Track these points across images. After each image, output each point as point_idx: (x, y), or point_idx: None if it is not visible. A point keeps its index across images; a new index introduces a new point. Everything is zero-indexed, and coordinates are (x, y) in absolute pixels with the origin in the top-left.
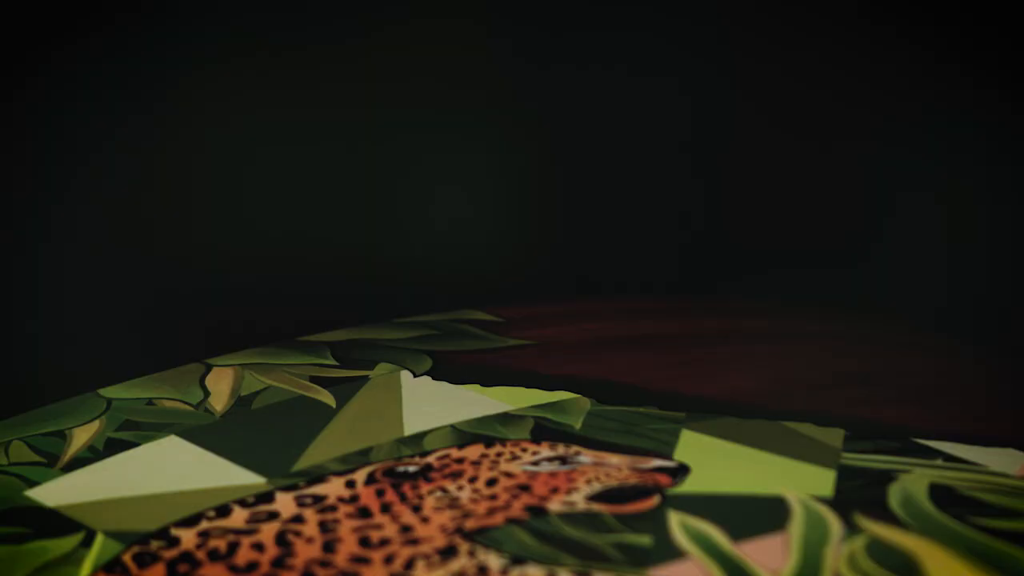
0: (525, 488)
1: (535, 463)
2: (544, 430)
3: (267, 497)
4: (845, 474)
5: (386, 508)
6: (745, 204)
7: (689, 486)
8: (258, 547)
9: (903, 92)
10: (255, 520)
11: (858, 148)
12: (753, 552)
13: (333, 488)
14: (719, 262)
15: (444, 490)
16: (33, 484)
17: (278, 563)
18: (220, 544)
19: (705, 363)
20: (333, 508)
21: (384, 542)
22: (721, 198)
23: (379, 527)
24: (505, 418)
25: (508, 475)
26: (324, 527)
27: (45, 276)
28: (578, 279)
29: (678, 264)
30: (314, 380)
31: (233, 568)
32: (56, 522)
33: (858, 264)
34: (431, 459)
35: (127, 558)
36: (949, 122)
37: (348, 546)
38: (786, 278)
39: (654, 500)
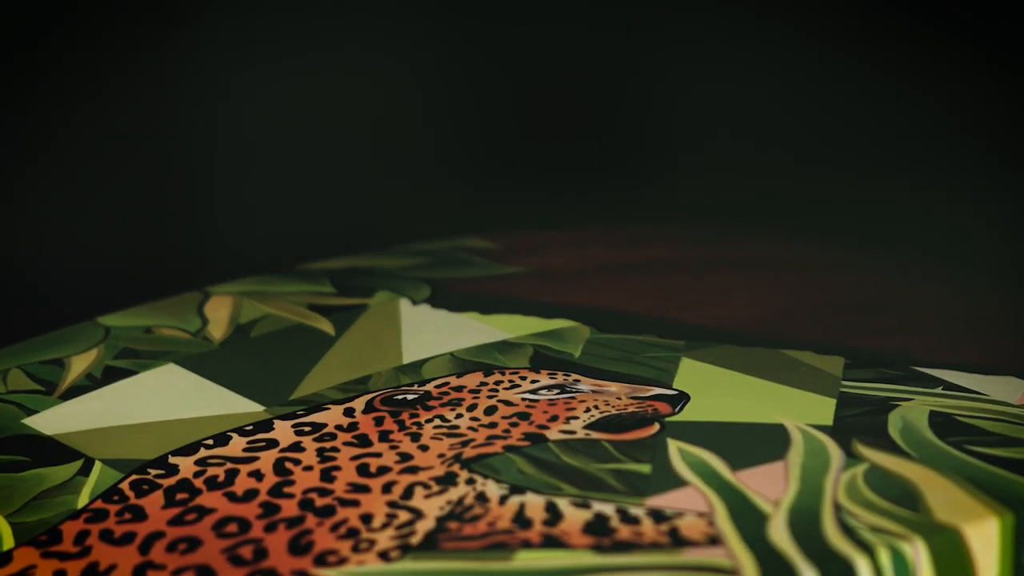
0: (524, 416)
1: (534, 391)
2: (543, 358)
3: (265, 425)
4: (845, 402)
5: (385, 436)
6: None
7: (688, 414)
8: (256, 475)
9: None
10: (253, 448)
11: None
12: (752, 480)
13: (331, 416)
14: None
15: (443, 418)
16: (31, 412)
17: (276, 491)
18: (218, 472)
19: (703, 291)
20: (332, 436)
21: (383, 470)
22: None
23: (378, 455)
24: (504, 346)
25: (507, 403)
26: (322, 455)
27: (43, 203)
28: (569, 208)
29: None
30: (313, 308)
31: (231, 496)
32: (54, 450)
33: (852, 196)
34: (430, 387)
35: (125, 486)
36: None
37: (347, 474)
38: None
39: (653, 428)
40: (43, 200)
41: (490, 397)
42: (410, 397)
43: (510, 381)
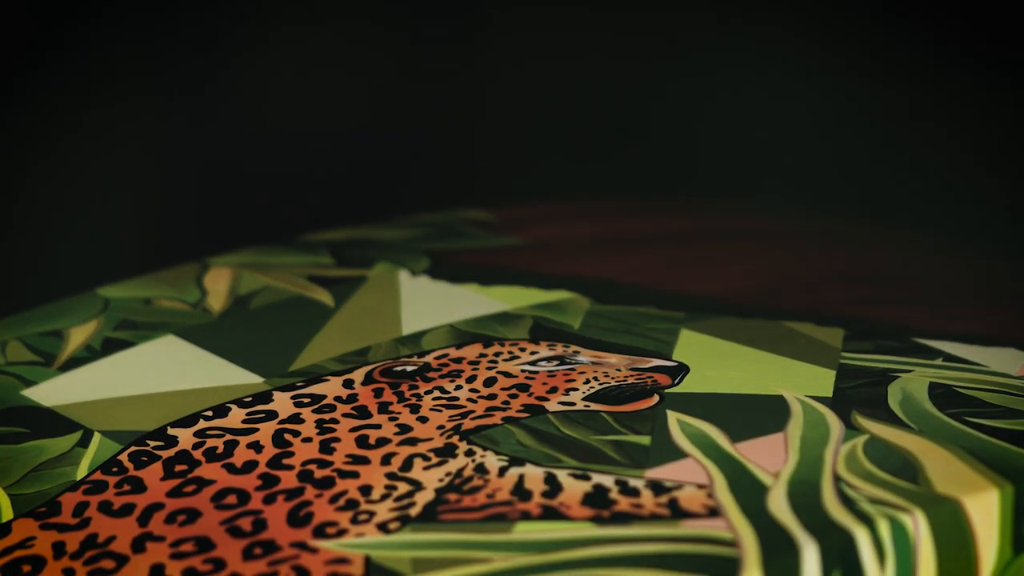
0: (523, 388)
1: (533, 363)
2: (542, 330)
3: (264, 397)
4: (845, 374)
5: (384, 408)
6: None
7: (688, 386)
8: (255, 447)
9: None
10: (252, 420)
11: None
12: (752, 452)
13: (331, 388)
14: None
15: (442, 390)
16: (30, 384)
17: (275, 463)
18: (217, 444)
19: (703, 262)
20: (331, 408)
21: (382, 442)
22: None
23: (377, 427)
24: (503, 317)
25: (506, 375)
26: (322, 427)
27: (43, 174)
28: (572, 180)
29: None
30: (312, 279)
31: (230, 468)
32: (53, 422)
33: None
34: (429, 359)
35: (124, 458)
36: None
37: (346, 446)
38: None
39: (653, 400)
40: (42, 171)
41: (489, 369)
42: (409, 369)
43: (509, 352)
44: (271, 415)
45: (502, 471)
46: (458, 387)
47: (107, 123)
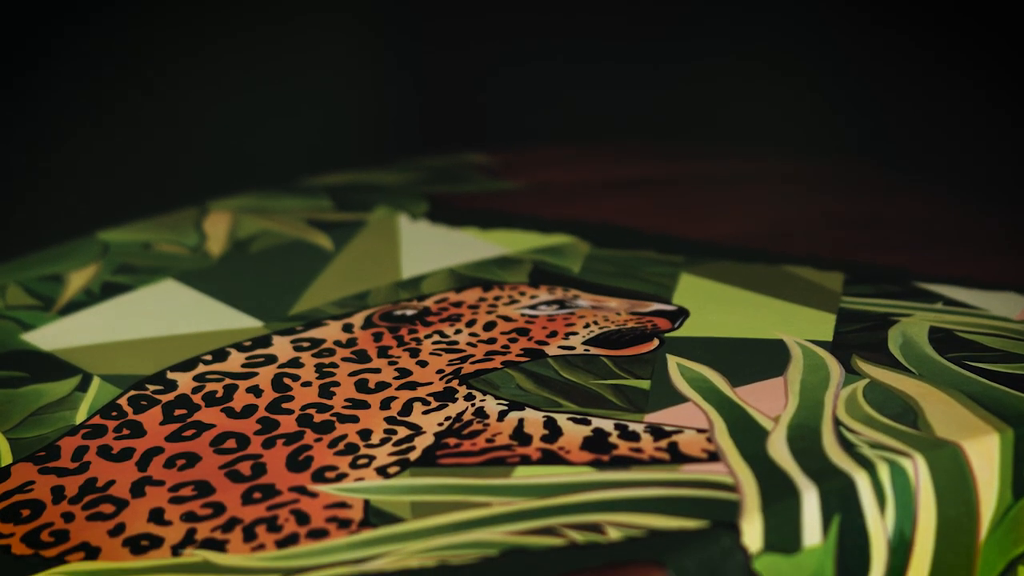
0: (523, 332)
1: (533, 307)
2: (542, 274)
3: (264, 341)
4: (845, 318)
5: (383, 352)
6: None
7: (687, 330)
8: (255, 391)
9: None
10: (252, 364)
11: None
12: (752, 396)
13: (330, 332)
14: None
15: (442, 334)
16: (29, 328)
17: (275, 407)
18: (217, 388)
19: (703, 207)
20: (330, 352)
21: (381, 386)
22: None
23: (376, 371)
24: (503, 261)
25: (506, 319)
26: (321, 371)
27: (44, 118)
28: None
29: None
30: (312, 223)
31: (230, 412)
32: (52, 366)
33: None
34: (429, 303)
35: (123, 402)
36: None
37: (345, 390)
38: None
39: (652, 344)
40: (42, 113)
41: (489, 313)
42: (409, 313)
43: (509, 297)
44: (270, 359)
45: (501, 415)
46: (458, 331)
47: (107, 65)
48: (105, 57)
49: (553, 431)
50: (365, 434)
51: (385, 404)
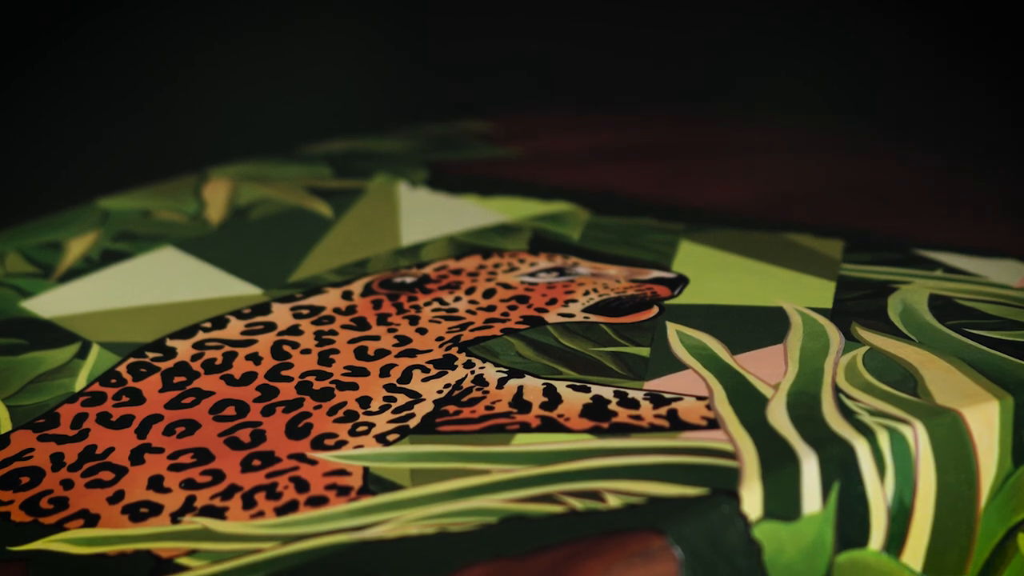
0: (523, 300)
1: (533, 274)
2: (542, 241)
3: (263, 308)
4: (844, 285)
5: (383, 320)
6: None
7: (687, 297)
8: (254, 358)
9: None
10: (251, 331)
11: None
12: (751, 364)
13: (329, 299)
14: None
15: (441, 301)
16: (29, 295)
17: (274, 375)
18: (216, 355)
19: (703, 174)
20: (330, 320)
21: (381, 353)
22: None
23: (376, 339)
24: (503, 229)
25: (505, 286)
26: (320, 339)
27: (43, 84)
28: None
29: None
30: (311, 191)
31: (229, 380)
32: (52, 333)
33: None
34: (428, 270)
35: (123, 369)
36: None
37: (345, 358)
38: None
39: (652, 311)
40: (43, 82)
41: (488, 280)
42: (408, 280)
43: (509, 264)
44: (270, 327)
45: (501, 383)
46: (457, 299)
47: (108, 32)
48: (104, 26)
49: (552, 398)
50: (364, 401)
51: (384, 371)
